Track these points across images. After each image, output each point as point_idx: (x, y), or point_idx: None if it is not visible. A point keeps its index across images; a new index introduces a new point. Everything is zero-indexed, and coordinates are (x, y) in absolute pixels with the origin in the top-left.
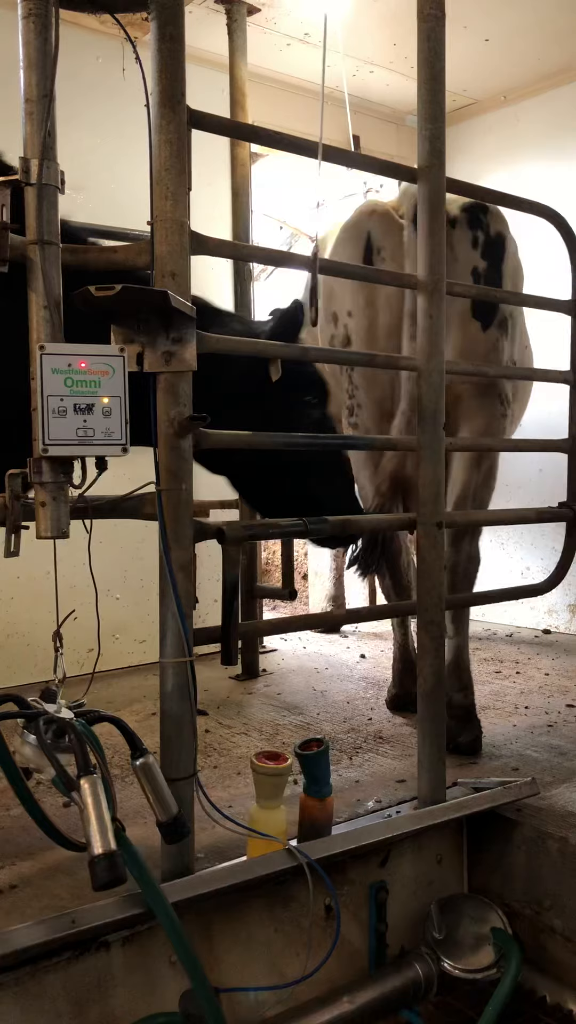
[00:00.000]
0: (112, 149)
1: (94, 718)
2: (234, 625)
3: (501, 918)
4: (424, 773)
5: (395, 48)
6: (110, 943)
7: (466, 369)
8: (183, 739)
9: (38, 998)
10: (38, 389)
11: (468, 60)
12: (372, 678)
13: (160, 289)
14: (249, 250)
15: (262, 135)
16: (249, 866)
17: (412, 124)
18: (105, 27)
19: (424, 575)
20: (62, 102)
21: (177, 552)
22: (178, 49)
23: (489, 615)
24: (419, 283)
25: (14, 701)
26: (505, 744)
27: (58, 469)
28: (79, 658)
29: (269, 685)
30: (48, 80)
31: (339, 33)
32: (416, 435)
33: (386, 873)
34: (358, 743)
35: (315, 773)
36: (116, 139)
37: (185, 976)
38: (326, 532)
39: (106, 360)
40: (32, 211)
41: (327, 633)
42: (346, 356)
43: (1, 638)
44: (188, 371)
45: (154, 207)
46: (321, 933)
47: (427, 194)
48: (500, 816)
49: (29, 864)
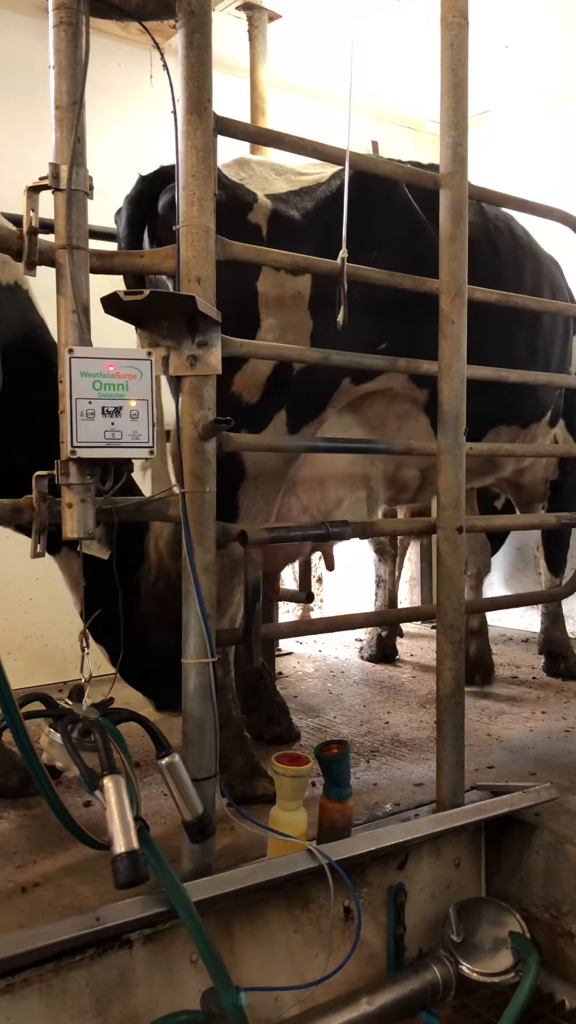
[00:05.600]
0: (135, 155)
1: (120, 717)
2: (256, 627)
3: (519, 922)
4: (443, 776)
5: (414, 55)
6: (132, 941)
7: (486, 374)
8: (205, 739)
9: (62, 995)
10: (67, 392)
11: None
12: (388, 683)
13: (187, 294)
14: (273, 256)
15: (287, 141)
16: (270, 867)
17: (431, 130)
18: (129, 34)
19: (444, 580)
20: (87, 109)
21: (200, 554)
22: (205, 56)
23: (505, 620)
24: (441, 287)
25: (40, 700)
26: (523, 749)
27: (85, 471)
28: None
29: (285, 688)
30: (78, 87)
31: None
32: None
33: (404, 876)
34: (375, 746)
35: (335, 775)
36: (140, 145)
37: (206, 974)
38: (347, 536)
39: (134, 364)
40: (61, 216)
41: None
42: (369, 360)
43: (20, 639)
44: (213, 375)
45: (180, 212)
46: (340, 935)
47: (450, 200)
48: (518, 820)
49: (51, 863)
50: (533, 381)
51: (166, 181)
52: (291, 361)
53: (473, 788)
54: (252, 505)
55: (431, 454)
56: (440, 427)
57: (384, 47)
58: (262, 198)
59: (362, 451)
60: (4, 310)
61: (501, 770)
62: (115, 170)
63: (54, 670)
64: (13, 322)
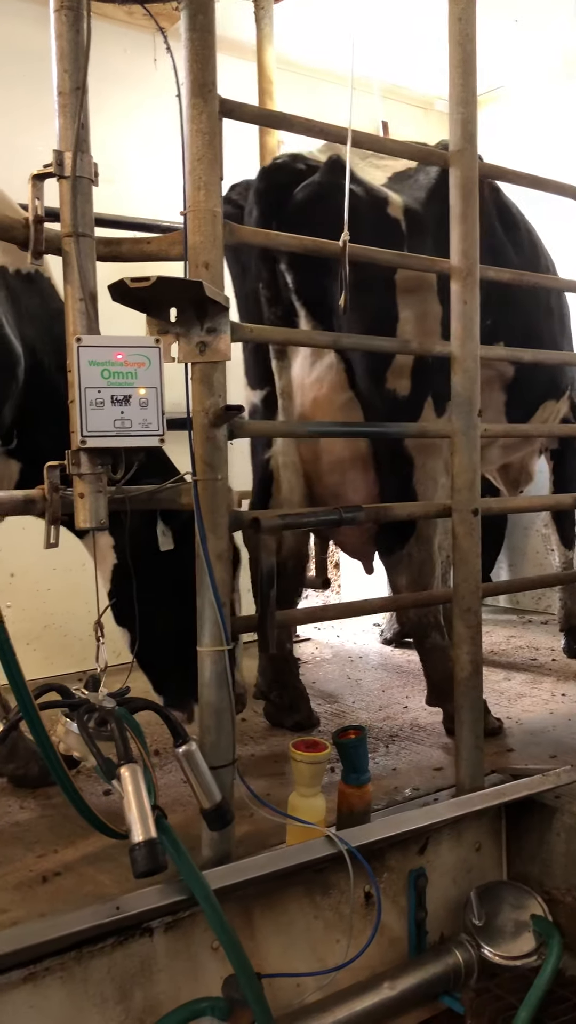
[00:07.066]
0: (140, 140)
1: (137, 706)
2: (271, 613)
3: (541, 905)
4: (462, 761)
5: (423, 32)
6: (153, 929)
7: (500, 355)
8: (222, 727)
9: (83, 983)
10: (75, 381)
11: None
12: (407, 667)
13: (195, 279)
14: (282, 239)
15: (294, 123)
16: (289, 853)
17: (442, 109)
18: (132, 19)
19: (461, 563)
20: (90, 95)
21: (214, 541)
22: (208, 38)
23: (524, 602)
24: (452, 269)
25: (56, 690)
26: (542, 731)
27: (96, 460)
28: (115, 648)
29: (303, 674)
30: (80, 72)
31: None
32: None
33: (425, 860)
34: (394, 731)
35: (353, 761)
36: (144, 130)
37: (227, 961)
38: (360, 520)
39: (142, 351)
40: (66, 203)
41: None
42: (380, 343)
43: (38, 629)
44: (223, 361)
45: (187, 197)
46: (361, 920)
47: (459, 178)
48: (539, 803)
49: (72, 852)
50: (554, 361)
51: (288, 173)
52: (306, 346)
53: (493, 772)
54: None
55: (446, 436)
56: (453, 409)
57: (392, 25)
58: (392, 194)
59: (376, 435)
60: (24, 297)
61: (520, 753)
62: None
63: (72, 660)
64: (34, 309)
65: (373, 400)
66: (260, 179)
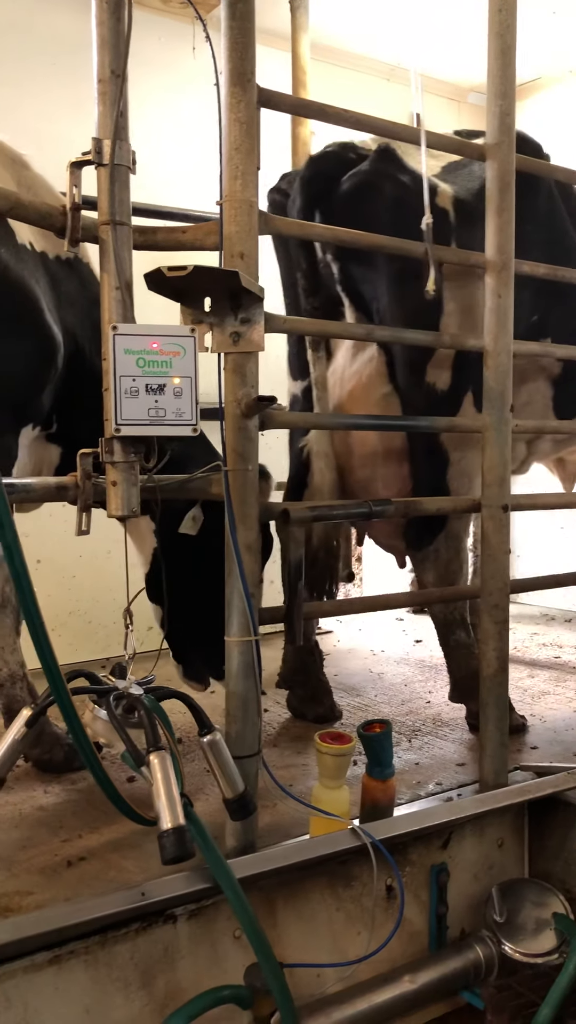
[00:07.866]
0: (177, 129)
1: (163, 694)
2: (299, 605)
3: (563, 903)
4: (487, 757)
5: (459, 23)
6: (177, 916)
7: (532, 350)
8: (248, 717)
9: (107, 967)
10: (110, 370)
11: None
12: (429, 662)
13: (231, 269)
14: (318, 230)
15: (331, 114)
16: (313, 844)
17: (475, 102)
18: (170, 7)
19: (489, 559)
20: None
21: (243, 532)
22: (248, 27)
23: (548, 599)
24: (487, 262)
25: (85, 677)
26: (566, 729)
27: (129, 449)
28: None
29: (326, 666)
30: (121, 60)
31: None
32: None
33: (447, 855)
34: (417, 726)
35: (378, 754)
36: (179, 119)
37: (249, 950)
38: (390, 514)
39: (177, 340)
40: (104, 191)
41: None
42: (413, 336)
43: (63, 616)
44: (256, 352)
45: (224, 187)
46: (382, 913)
47: (497, 171)
48: (562, 801)
49: (96, 837)
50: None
51: (337, 162)
52: (339, 337)
53: (516, 768)
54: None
55: (476, 431)
56: (485, 403)
57: (427, 16)
58: (441, 183)
59: (405, 428)
60: (65, 283)
61: (544, 751)
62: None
63: (97, 646)
64: (73, 295)
65: (412, 394)
66: (307, 167)
